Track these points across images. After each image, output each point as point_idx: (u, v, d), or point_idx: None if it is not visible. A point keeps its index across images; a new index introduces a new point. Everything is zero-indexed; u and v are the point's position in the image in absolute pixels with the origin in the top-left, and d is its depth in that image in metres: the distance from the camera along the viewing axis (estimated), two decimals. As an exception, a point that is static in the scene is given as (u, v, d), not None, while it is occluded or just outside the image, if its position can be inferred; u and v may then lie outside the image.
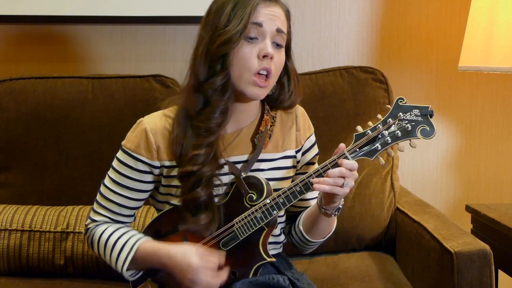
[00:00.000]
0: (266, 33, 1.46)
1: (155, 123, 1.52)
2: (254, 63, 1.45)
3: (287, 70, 1.56)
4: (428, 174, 2.53)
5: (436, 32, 2.47)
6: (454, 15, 2.47)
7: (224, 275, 1.45)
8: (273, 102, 1.59)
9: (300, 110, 1.65)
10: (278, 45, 1.49)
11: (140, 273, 1.54)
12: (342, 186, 1.41)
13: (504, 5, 2.01)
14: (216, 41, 1.44)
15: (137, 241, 1.51)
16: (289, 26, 1.54)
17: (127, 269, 1.51)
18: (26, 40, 2.39)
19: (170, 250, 1.46)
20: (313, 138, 1.66)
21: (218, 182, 1.50)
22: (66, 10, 2.28)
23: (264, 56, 1.45)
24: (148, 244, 1.51)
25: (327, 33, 2.46)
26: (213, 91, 1.46)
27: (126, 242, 1.51)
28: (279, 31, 1.48)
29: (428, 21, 2.47)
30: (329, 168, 1.43)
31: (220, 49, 1.44)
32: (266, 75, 1.46)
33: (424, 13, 2.47)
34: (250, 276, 1.48)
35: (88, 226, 1.58)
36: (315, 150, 1.66)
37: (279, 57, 1.49)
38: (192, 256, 1.43)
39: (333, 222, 1.60)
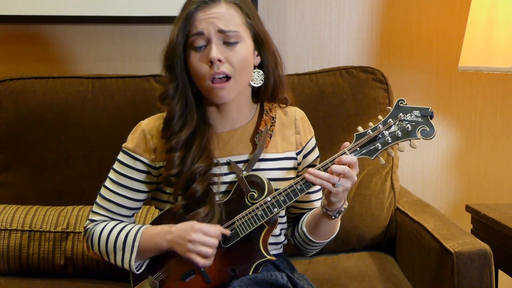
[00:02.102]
0: (210, 38, 1.47)
1: (153, 125, 1.57)
2: (204, 70, 1.48)
3: (263, 58, 1.55)
4: (428, 174, 2.53)
5: (436, 32, 2.48)
6: (454, 15, 2.47)
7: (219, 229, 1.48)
8: (260, 93, 1.58)
9: (299, 113, 1.65)
10: (230, 44, 1.48)
11: (143, 268, 1.54)
12: (334, 184, 1.42)
13: (504, 5, 2.01)
14: (163, 53, 1.53)
15: (139, 228, 1.52)
16: (247, 16, 1.52)
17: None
18: (26, 40, 2.39)
19: (171, 226, 1.49)
20: (313, 141, 1.67)
21: (215, 180, 1.51)
22: (66, 10, 2.28)
23: (211, 62, 1.46)
24: (150, 228, 1.53)
25: (327, 33, 2.46)
26: (169, 100, 1.52)
27: (129, 232, 1.52)
28: (221, 31, 1.47)
29: (428, 21, 2.47)
30: (329, 166, 1.44)
31: (165, 60, 1.53)
32: (226, 77, 1.47)
33: (424, 13, 2.47)
34: (250, 274, 1.48)
35: (87, 227, 1.59)
36: (316, 152, 1.67)
37: (234, 55, 1.48)
38: (192, 222, 1.46)
39: (336, 225, 1.61)
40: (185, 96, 1.51)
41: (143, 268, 1.55)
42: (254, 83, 1.56)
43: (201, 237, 1.44)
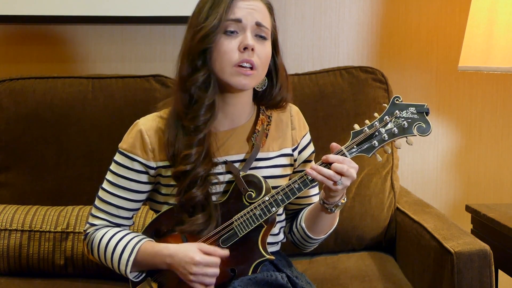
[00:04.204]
0: (246, 27, 1.47)
1: (150, 124, 1.55)
2: (235, 55, 1.46)
3: (276, 65, 1.56)
4: (428, 174, 2.53)
5: (436, 32, 2.48)
6: (454, 15, 2.47)
7: (218, 270, 1.46)
8: (264, 99, 1.59)
9: (294, 109, 1.66)
10: (261, 37, 1.49)
11: (143, 274, 1.54)
12: (335, 182, 1.43)
13: (504, 5, 2.01)
14: (195, 38, 1.47)
15: (137, 243, 1.51)
16: (273, 20, 1.55)
17: (130, 271, 1.51)
18: (26, 40, 2.39)
19: (172, 249, 1.47)
20: (308, 136, 1.67)
21: (215, 181, 1.51)
22: (66, 10, 2.28)
23: (244, 48, 1.46)
24: (149, 245, 1.51)
25: (327, 33, 2.46)
26: (195, 88, 1.47)
27: (126, 245, 1.51)
28: (259, 24, 1.48)
29: (428, 21, 2.47)
30: (325, 165, 1.45)
31: (199, 45, 1.46)
32: (251, 68, 1.47)
33: (424, 13, 2.47)
34: (249, 273, 1.48)
35: (87, 231, 1.58)
36: (311, 148, 1.67)
37: (263, 49, 1.49)
38: (194, 252, 1.44)
39: (335, 219, 1.61)
40: (215, 85, 1.48)
41: (142, 276, 1.54)
42: (257, 87, 1.56)
43: (203, 270, 1.43)
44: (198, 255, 1.43)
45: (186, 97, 1.49)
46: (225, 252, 1.47)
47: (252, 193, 1.50)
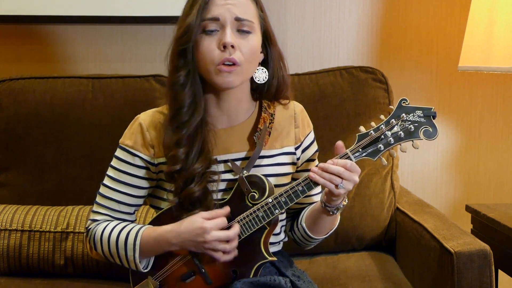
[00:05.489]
0: (225, 24, 1.46)
1: (151, 120, 1.55)
2: (215, 54, 1.45)
3: (268, 56, 1.54)
4: (428, 174, 2.53)
5: (436, 32, 2.48)
6: (454, 15, 2.47)
7: (236, 227, 1.45)
8: (261, 91, 1.58)
9: (298, 107, 1.65)
10: (244, 32, 1.47)
11: (149, 265, 1.53)
12: (337, 186, 1.42)
13: (504, 5, 2.01)
14: (174, 38, 1.49)
15: (140, 228, 1.51)
16: (260, 11, 1.53)
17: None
18: (26, 40, 2.39)
19: (176, 228, 1.46)
20: (312, 135, 1.66)
21: (215, 177, 1.50)
22: (66, 10, 2.28)
23: (224, 47, 1.45)
24: (151, 229, 1.51)
25: (327, 33, 2.46)
26: (177, 86, 1.48)
27: (130, 231, 1.51)
28: (239, 19, 1.46)
29: (428, 21, 2.47)
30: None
31: (176, 45, 1.48)
32: (234, 64, 1.46)
33: (424, 13, 2.47)
34: (251, 275, 1.48)
35: (89, 227, 1.58)
36: (314, 147, 1.66)
37: (247, 43, 1.47)
38: (201, 222, 1.43)
39: (336, 220, 1.61)
40: (195, 83, 1.48)
41: (149, 266, 1.53)
42: (258, 80, 1.55)
43: (216, 235, 1.42)
44: (206, 223, 1.43)
45: (170, 96, 1.50)
46: (226, 210, 1.46)
47: (255, 194, 1.49)
